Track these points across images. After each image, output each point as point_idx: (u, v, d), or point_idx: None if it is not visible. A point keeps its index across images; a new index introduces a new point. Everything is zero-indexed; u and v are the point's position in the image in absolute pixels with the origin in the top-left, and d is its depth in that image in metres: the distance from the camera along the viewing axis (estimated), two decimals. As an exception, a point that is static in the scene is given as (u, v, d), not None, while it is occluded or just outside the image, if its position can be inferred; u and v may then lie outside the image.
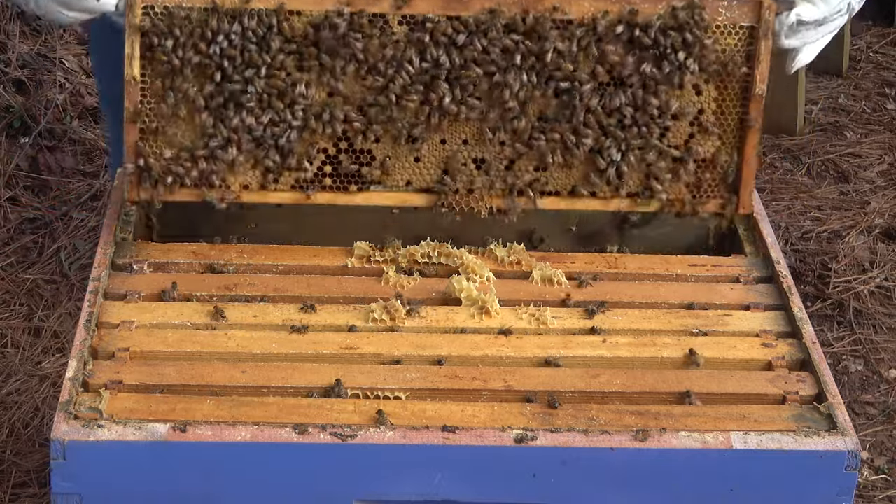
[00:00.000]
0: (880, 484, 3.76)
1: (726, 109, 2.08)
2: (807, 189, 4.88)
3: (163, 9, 2.04)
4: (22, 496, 3.50)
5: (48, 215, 4.49)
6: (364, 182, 2.02)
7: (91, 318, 1.96)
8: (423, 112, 2.04)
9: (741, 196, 2.06)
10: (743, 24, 2.09)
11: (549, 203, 2.04)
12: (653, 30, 2.06)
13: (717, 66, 2.08)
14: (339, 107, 2.03)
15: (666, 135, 2.06)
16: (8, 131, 4.74)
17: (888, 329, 4.27)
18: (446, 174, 2.03)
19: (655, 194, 2.06)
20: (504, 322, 2.01)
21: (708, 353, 1.97)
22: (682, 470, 1.80)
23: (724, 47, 2.08)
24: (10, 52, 4.89)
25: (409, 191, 2.03)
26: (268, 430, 1.78)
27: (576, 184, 2.04)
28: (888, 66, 5.67)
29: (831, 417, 1.85)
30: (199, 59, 2.03)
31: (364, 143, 2.03)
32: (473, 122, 2.05)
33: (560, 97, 2.06)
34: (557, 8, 2.07)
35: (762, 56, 2.08)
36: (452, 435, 1.79)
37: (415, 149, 2.03)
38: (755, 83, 2.08)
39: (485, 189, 2.03)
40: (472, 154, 2.04)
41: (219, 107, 2.01)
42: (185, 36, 2.03)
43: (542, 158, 2.04)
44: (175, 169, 2.00)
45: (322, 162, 2.02)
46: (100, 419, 1.78)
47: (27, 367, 3.91)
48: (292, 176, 2.02)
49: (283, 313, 2.00)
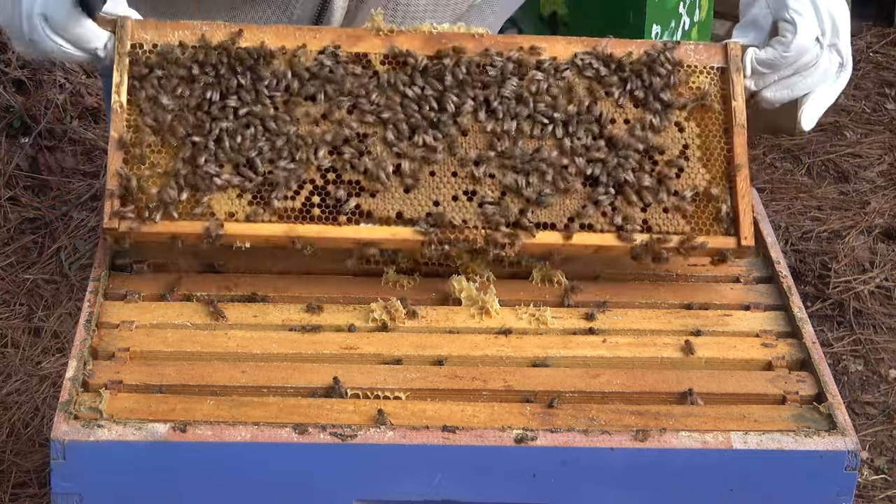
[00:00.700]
0: (880, 484, 3.76)
1: (710, 145, 2.08)
2: (807, 189, 4.89)
3: (152, 45, 2.05)
4: (22, 496, 3.50)
5: (48, 215, 4.49)
6: (353, 213, 2.00)
7: (91, 318, 1.96)
8: (411, 146, 2.03)
9: (741, 227, 2.04)
10: (713, 66, 2.12)
11: (545, 237, 2.02)
12: (627, 66, 2.09)
13: (695, 100, 2.08)
14: (326, 141, 2.02)
15: (654, 169, 2.06)
16: (8, 131, 4.75)
17: (888, 329, 4.27)
18: (437, 205, 2.02)
19: (652, 228, 2.04)
20: (504, 322, 2.01)
21: (708, 353, 1.97)
22: (682, 470, 1.80)
23: (699, 84, 2.11)
24: (10, 52, 4.89)
25: (400, 224, 2.01)
26: (268, 430, 1.78)
27: (571, 216, 2.03)
28: (888, 66, 5.68)
29: (831, 417, 1.85)
30: (188, 92, 2.03)
31: (353, 175, 2.01)
32: (460, 157, 2.04)
33: (541, 132, 2.05)
34: (535, 48, 2.10)
35: (737, 90, 2.10)
36: (452, 435, 1.79)
37: (404, 181, 2.02)
38: (735, 116, 2.08)
39: (478, 220, 2.02)
40: (462, 187, 2.03)
41: (205, 138, 2.00)
42: (174, 69, 2.03)
43: (535, 191, 2.03)
44: (162, 196, 1.98)
45: (310, 192, 2.01)
46: (100, 419, 1.78)
47: (27, 367, 3.91)
48: (280, 205, 2.00)
49: (283, 313, 2.00)
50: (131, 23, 2.06)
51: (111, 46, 2.06)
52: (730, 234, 2.06)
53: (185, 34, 2.06)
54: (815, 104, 2.16)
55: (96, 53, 2.07)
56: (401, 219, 2.02)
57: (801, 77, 2.14)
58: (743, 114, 2.10)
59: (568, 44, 2.12)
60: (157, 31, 2.06)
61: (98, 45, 2.06)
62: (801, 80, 2.14)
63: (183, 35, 2.06)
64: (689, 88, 2.11)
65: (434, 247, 2.01)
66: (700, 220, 2.06)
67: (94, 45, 2.06)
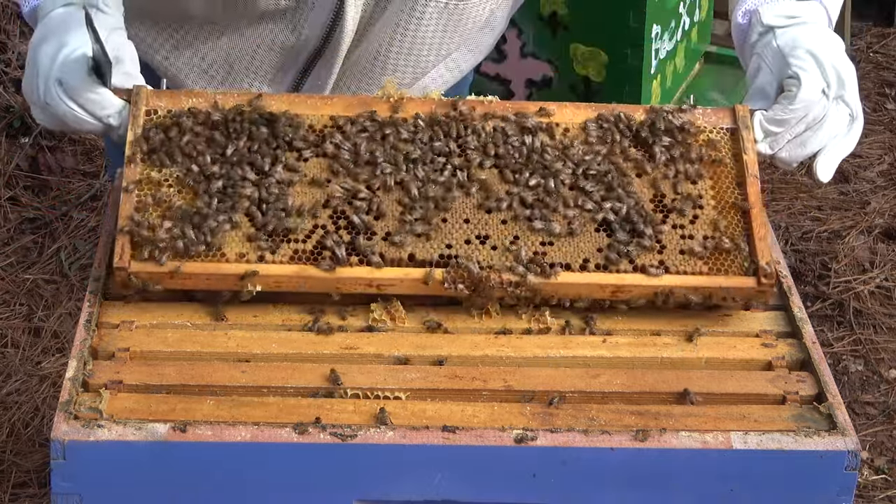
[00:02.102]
0: (880, 484, 3.76)
1: (724, 195, 2.07)
2: (807, 189, 4.89)
3: (166, 111, 2.06)
4: (22, 496, 3.51)
5: (48, 215, 4.49)
6: (365, 255, 1.99)
7: (91, 318, 1.96)
8: (424, 194, 2.04)
9: (760, 268, 2.02)
10: (723, 126, 2.13)
11: (559, 277, 2.00)
12: (634, 125, 2.11)
13: (706, 153, 2.10)
14: (340, 192, 2.03)
15: (668, 216, 2.05)
16: (8, 131, 4.75)
17: (888, 329, 4.28)
18: (450, 248, 2.01)
19: (669, 269, 2.02)
20: (504, 322, 2.01)
21: (708, 353, 1.97)
22: (682, 470, 1.80)
23: (709, 140, 2.11)
24: (10, 52, 4.89)
25: (413, 265, 2.00)
26: (268, 430, 1.78)
27: (587, 257, 2.01)
28: (888, 66, 5.68)
29: (831, 417, 1.85)
30: (201, 148, 2.04)
31: (366, 218, 2.01)
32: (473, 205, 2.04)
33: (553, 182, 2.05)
34: (543, 109, 2.11)
35: (747, 146, 2.10)
36: (452, 435, 1.79)
37: (417, 226, 2.01)
38: (748, 168, 2.07)
39: (493, 261, 2.00)
40: (476, 231, 2.02)
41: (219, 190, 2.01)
42: (188, 128, 2.05)
43: (549, 234, 2.02)
44: (173, 236, 1.97)
45: (321, 236, 2.00)
46: (100, 419, 1.78)
47: (27, 367, 3.91)
48: (290, 248, 1.99)
49: (283, 313, 2.00)
50: (145, 91, 2.07)
51: (125, 115, 2.06)
52: (748, 274, 2.03)
53: (199, 101, 2.08)
54: (828, 157, 2.13)
55: (109, 122, 2.07)
56: (413, 260, 2.00)
57: (813, 132, 2.12)
58: (755, 165, 2.08)
59: (577, 109, 2.13)
60: (171, 99, 2.08)
61: (111, 113, 2.06)
62: (812, 135, 2.12)
63: (196, 102, 2.08)
64: (698, 145, 2.11)
65: (447, 285, 1.99)
66: (717, 262, 2.03)
67: (108, 112, 2.06)
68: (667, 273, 2.01)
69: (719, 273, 2.02)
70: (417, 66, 2.41)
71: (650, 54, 4.22)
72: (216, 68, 2.41)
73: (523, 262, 1.99)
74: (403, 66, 2.39)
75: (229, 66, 2.40)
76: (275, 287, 1.98)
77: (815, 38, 2.15)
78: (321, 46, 2.34)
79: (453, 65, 2.52)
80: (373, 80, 2.41)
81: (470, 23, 2.38)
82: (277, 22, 2.33)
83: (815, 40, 2.15)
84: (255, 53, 2.38)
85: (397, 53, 2.37)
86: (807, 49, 2.13)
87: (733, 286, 2.02)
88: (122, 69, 2.09)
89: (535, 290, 1.99)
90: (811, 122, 2.12)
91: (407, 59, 2.38)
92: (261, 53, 2.38)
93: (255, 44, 2.37)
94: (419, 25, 2.33)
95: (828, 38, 2.17)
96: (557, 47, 4.30)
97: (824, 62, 2.12)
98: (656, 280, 2.01)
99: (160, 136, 2.04)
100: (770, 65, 2.16)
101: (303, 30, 2.33)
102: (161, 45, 2.42)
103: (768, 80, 2.17)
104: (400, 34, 2.33)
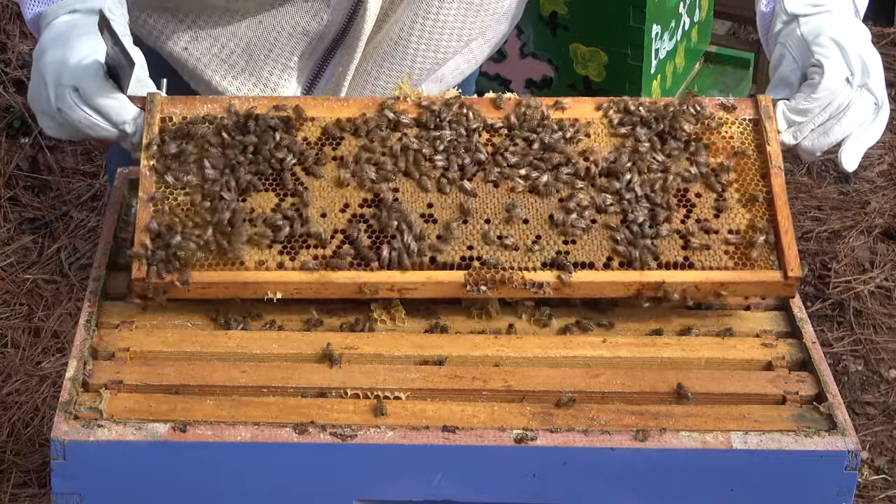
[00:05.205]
0: (880, 484, 3.76)
1: (748, 188, 2.04)
2: (807, 189, 4.89)
3: (181, 118, 2.05)
4: (22, 496, 3.51)
5: (48, 215, 4.49)
6: (385, 260, 1.98)
7: (91, 318, 1.96)
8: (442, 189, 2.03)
9: (786, 260, 2.01)
10: (745, 118, 2.11)
11: (583, 276, 1.99)
12: (653, 118, 2.10)
13: (729, 145, 2.08)
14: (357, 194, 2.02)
15: (692, 212, 2.03)
16: (8, 131, 4.75)
17: (888, 329, 4.27)
18: (471, 249, 2.00)
19: (693, 265, 2.01)
20: (504, 322, 2.01)
21: (708, 353, 1.97)
22: (682, 470, 1.80)
23: (732, 133, 2.09)
24: (10, 52, 4.89)
25: (434, 268, 1.99)
26: (268, 430, 1.78)
27: (610, 255, 2.00)
28: (888, 67, 5.67)
29: (831, 417, 1.85)
30: (216, 153, 2.03)
31: (384, 222, 2.00)
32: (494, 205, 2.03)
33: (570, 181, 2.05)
34: (557, 103, 2.11)
35: (770, 137, 2.08)
36: (452, 435, 1.79)
37: (435, 228, 2.00)
38: (771, 159, 2.06)
39: (514, 262, 1.99)
40: (497, 231, 2.01)
41: (236, 199, 2.00)
42: (203, 129, 2.04)
43: (570, 233, 2.01)
44: (192, 249, 1.96)
45: (341, 241, 1.99)
46: (100, 419, 1.78)
47: (27, 367, 3.91)
48: (310, 253, 1.98)
49: (284, 313, 2.00)
50: (160, 98, 2.06)
51: (140, 122, 2.04)
52: (774, 267, 2.02)
53: (214, 107, 2.07)
54: (854, 146, 2.11)
55: (125, 129, 2.05)
56: (435, 263, 2.00)
57: (836, 121, 2.09)
58: (779, 156, 2.06)
59: (593, 102, 2.12)
60: (186, 106, 2.07)
61: (128, 119, 2.04)
62: (836, 123, 2.10)
63: (211, 108, 2.07)
64: (721, 137, 2.10)
65: (470, 287, 1.98)
66: (743, 256, 2.02)
67: (124, 118, 2.04)
68: (692, 269, 2.01)
69: (745, 268, 2.01)
70: (438, 52, 2.39)
71: (650, 54, 4.22)
72: (235, 57, 2.39)
73: (546, 262, 1.99)
74: (424, 51, 2.38)
75: (249, 54, 2.38)
76: (295, 294, 1.98)
77: (840, 27, 2.13)
78: (343, 31, 2.33)
79: (470, 55, 2.51)
80: (393, 66, 2.39)
81: (490, 9, 2.38)
82: (298, 7, 2.32)
83: (839, 28, 2.12)
84: (275, 40, 2.36)
85: (419, 38, 2.36)
86: (830, 37, 2.11)
87: (760, 281, 2.01)
88: (135, 76, 2.07)
89: (557, 290, 1.99)
90: (834, 111, 2.09)
91: (428, 44, 2.37)
92: (282, 40, 2.36)
93: (276, 31, 2.35)
94: (440, 9, 2.32)
95: (853, 26, 2.14)
96: (557, 47, 4.29)
97: (848, 50, 2.09)
98: (681, 276, 2.00)
99: (176, 145, 2.03)
100: (793, 53, 2.14)
101: (325, 14, 2.31)
102: (181, 35, 2.39)
103: (791, 69, 2.14)
104: (422, 17, 2.32)
